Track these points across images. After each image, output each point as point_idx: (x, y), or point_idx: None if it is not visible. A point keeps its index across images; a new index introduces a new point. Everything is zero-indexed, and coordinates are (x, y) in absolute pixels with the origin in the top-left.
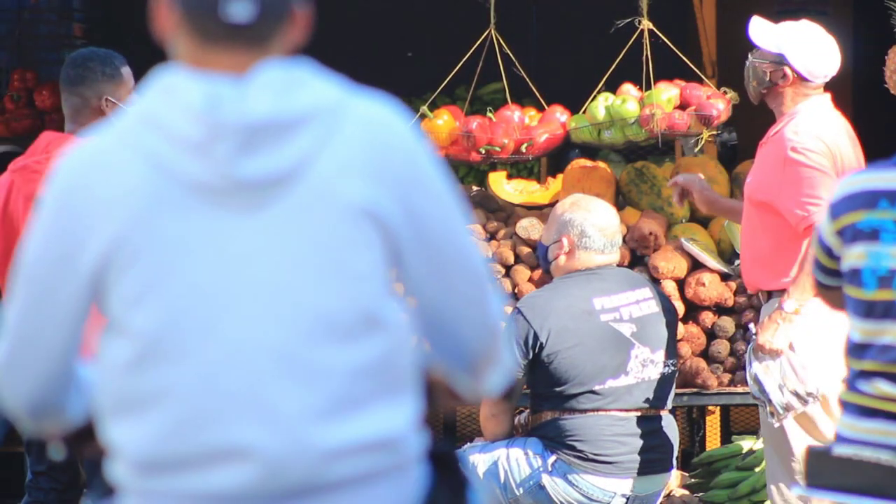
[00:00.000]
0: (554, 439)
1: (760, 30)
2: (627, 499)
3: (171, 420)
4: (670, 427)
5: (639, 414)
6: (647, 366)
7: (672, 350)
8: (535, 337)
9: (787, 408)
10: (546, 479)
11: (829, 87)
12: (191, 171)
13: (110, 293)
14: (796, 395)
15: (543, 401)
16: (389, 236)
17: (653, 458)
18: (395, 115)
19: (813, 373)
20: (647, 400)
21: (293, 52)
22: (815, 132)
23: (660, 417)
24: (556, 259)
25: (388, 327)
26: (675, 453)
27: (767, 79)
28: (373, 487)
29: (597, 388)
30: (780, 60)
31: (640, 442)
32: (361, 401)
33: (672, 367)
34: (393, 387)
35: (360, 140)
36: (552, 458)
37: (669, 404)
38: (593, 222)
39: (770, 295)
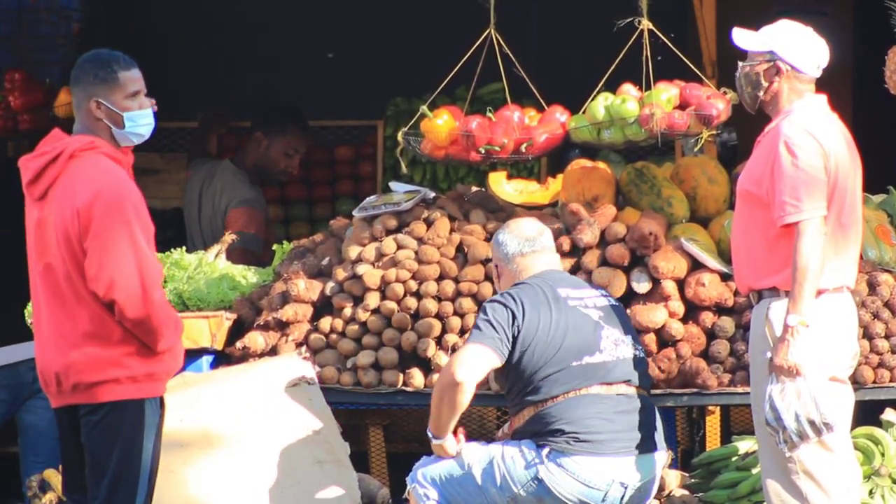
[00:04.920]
0: (540, 432)
1: (744, 35)
2: (625, 487)
3: None
4: (651, 407)
5: (620, 391)
6: (619, 345)
7: (637, 339)
8: (513, 315)
9: (802, 436)
10: (543, 471)
11: (828, 86)
12: None
13: None
14: (812, 423)
15: (523, 397)
16: None
17: (639, 437)
18: None
19: (826, 402)
20: (627, 375)
21: None
22: (809, 129)
23: (640, 396)
24: (498, 284)
25: None
26: (661, 433)
27: (761, 80)
28: None
29: (574, 364)
30: (770, 57)
31: (624, 419)
32: None
33: (642, 353)
34: None
35: None
36: (546, 451)
37: (648, 387)
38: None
39: (760, 295)
